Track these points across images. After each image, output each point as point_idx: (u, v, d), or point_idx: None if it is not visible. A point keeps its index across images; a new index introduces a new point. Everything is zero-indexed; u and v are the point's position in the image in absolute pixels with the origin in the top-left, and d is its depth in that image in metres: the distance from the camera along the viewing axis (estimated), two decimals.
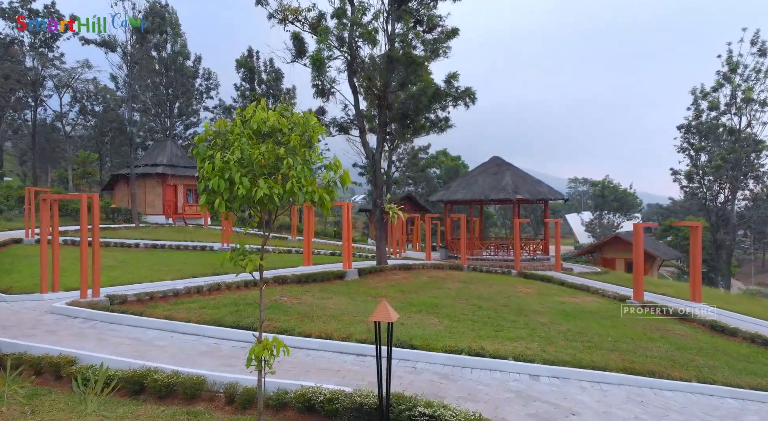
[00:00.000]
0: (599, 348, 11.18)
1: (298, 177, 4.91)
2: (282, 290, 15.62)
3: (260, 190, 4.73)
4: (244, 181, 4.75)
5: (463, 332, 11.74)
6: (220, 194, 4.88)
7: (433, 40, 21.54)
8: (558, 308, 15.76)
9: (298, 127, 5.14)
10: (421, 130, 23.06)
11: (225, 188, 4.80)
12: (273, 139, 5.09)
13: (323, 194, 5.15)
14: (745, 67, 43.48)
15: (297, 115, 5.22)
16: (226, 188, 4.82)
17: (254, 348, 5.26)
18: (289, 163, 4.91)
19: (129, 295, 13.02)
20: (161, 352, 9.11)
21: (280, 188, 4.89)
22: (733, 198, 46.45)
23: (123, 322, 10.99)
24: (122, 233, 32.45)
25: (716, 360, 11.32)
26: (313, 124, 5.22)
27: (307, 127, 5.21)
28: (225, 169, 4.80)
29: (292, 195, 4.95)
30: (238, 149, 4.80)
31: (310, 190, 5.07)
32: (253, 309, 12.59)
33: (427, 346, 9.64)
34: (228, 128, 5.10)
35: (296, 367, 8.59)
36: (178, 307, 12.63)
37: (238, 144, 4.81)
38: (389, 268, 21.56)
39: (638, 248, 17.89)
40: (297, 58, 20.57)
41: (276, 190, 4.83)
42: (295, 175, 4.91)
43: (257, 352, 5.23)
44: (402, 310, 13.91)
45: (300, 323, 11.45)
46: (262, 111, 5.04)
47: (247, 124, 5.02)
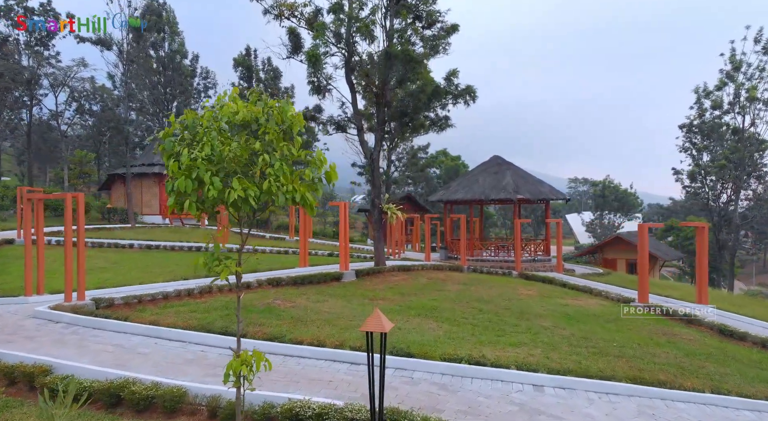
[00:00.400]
0: (605, 354, 10.70)
1: (277, 175, 4.41)
2: (276, 292, 15.13)
3: (234, 191, 4.23)
4: (215, 181, 4.25)
5: (463, 338, 11.26)
6: (189, 195, 4.37)
7: (432, 36, 21.04)
8: (561, 311, 15.28)
9: (274, 118, 4.62)
10: (421, 129, 22.56)
11: (193, 189, 4.30)
12: (247, 131, 4.59)
13: (306, 193, 4.64)
14: (748, 66, 42.98)
15: (272, 104, 4.72)
16: (195, 189, 4.32)
17: (232, 363, 4.79)
18: (266, 160, 4.41)
19: (116, 298, 12.53)
20: (144, 360, 8.62)
21: (255, 189, 4.39)
22: (737, 198, 45.96)
23: (106, 327, 10.49)
24: (117, 233, 31.99)
25: (727, 367, 10.83)
26: (290, 114, 4.71)
27: (284, 118, 4.70)
28: (193, 168, 4.29)
29: (271, 195, 4.45)
30: (207, 145, 4.29)
31: (291, 189, 4.56)
32: (245, 313, 12.10)
33: (425, 354, 9.14)
34: (197, 121, 4.59)
35: (285, 377, 8.10)
36: (167, 311, 12.15)
37: (207, 139, 4.31)
38: (387, 269, 21.08)
39: (643, 249, 17.40)
40: (293, 54, 20.07)
41: (252, 191, 4.34)
42: (273, 172, 4.41)
43: (235, 367, 4.76)
44: (400, 314, 13.44)
45: (293, 327, 10.97)
46: (231, 102, 4.53)
47: (217, 117, 4.51)
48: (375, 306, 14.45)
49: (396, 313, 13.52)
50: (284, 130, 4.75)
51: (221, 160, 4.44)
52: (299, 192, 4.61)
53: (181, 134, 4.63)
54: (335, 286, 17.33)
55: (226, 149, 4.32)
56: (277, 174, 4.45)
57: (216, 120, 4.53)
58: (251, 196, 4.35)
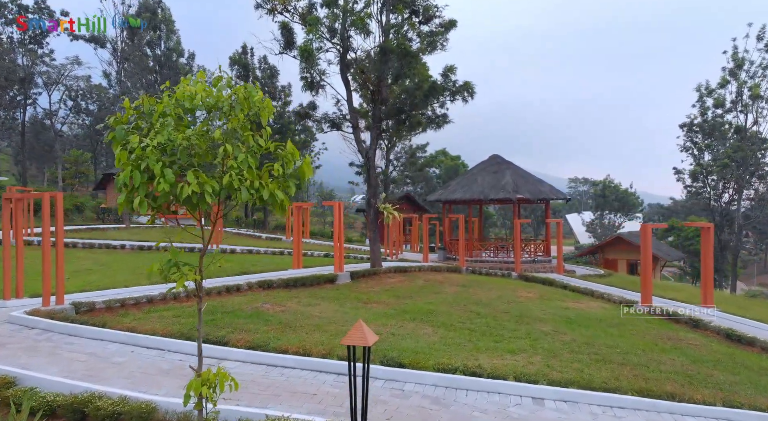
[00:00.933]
0: (608, 362, 10.16)
1: (240, 168, 3.86)
2: (266, 295, 14.60)
3: (187, 186, 3.68)
4: (167, 173, 3.70)
5: (459, 344, 10.73)
6: (137, 190, 3.82)
7: (429, 32, 20.49)
8: (561, 315, 14.73)
9: (238, 104, 4.08)
10: (418, 127, 22.03)
11: (142, 182, 3.75)
12: (209, 119, 4.05)
13: (275, 190, 4.10)
14: (751, 64, 42.44)
15: (239, 89, 4.18)
16: (144, 183, 3.78)
17: (192, 383, 4.24)
18: (228, 151, 3.86)
19: (98, 302, 11.99)
20: (117, 370, 8.08)
21: (214, 183, 3.84)
22: (739, 198, 45.42)
23: (83, 334, 9.95)
24: (110, 233, 31.49)
25: (737, 375, 10.28)
26: (257, 99, 4.16)
27: (251, 104, 4.15)
28: (143, 158, 3.74)
29: (232, 191, 3.90)
30: (161, 132, 3.74)
31: (257, 184, 4.02)
32: (231, 318, 11.58)
33: (417, 364, 8.57)
34: (154, 107, 4.04)
35: (267, 389, 7.55)
36: (151, 316, 11.62)
37: (160, 126, 3.76)
38: (384, 271, 20.54)
39: (647, 250, 16.86)
40: (285, 49, 19.50)
41: (209, 186, 3.79)
42: (236, 165, 3.86)
43: (195, 388, 4.20)
44: (394, 318, 12.91)
45: (280, 334, 10.44)
46: (186, 83, 3.98)
47: (177, 102, 3.96)
48: (369, 310, 13.96)
49: (390, 317, 12.99)
50: (251, 118, 4.20)
51: (181, 151, 3.89)
52: (267, 189, 4.06)
53: (135, 122, 4.09)
54: (329, 288, 16.80)
55: (179, 137, 3.77)
56: (241, 167, 3.90)
57: (177, 106, 3.98)
58: (208, 192, 3.81)
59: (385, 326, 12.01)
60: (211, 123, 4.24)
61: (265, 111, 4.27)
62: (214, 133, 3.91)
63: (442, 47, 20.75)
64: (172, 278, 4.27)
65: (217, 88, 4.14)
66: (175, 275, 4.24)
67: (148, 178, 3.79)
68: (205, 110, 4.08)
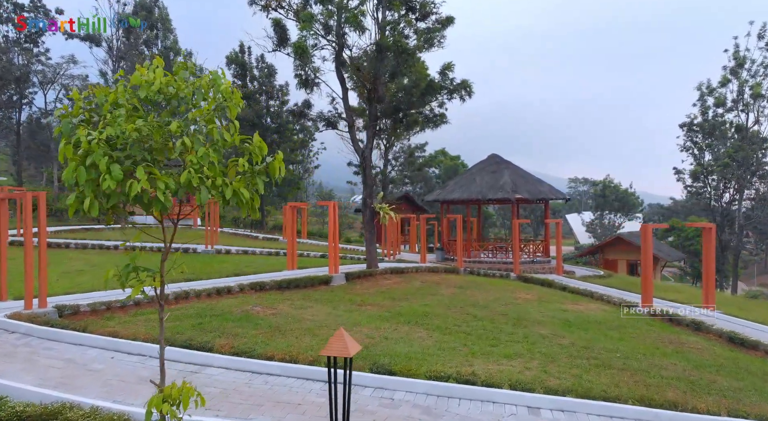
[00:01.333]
0: (608, 367, 9.81)
1: (200, 164, 3.51)
2: (258, 298, 14.25)
3: (136, 183, 3.32)
4: (113, 169, 3.33)
5: (454, 348, 10.39)
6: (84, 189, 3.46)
7: (426, 29, 20.15)
8: (560, 317, 14.39)
9: (201, 92, 3.72)
10: (415, 126, 21.70)
11: (88, 180, 3.39)
12: (172, 110, 3.69)
13: (240, 189, 3.75)
14: (752, 62, 42.09)
15: (205, 78, 3.82)
16: (90, 180, 3.41)
17: (153, 399, 3.89)
18: (186, 145, 3.51)
19: (82, 305, 11.65)
20: (94, 378, 7.73)
21: (168, 180, 3.49)
22: (740, 198, 45.06)
23: (63, 339, 9.59)
24: (105, 234, 31.13)
25: (740, 381, 9.94)
26: (224, 88, 3.81)
27: (215, 93, 3.79)
28: (90, 153, 3.38)
29: (191, 189, 3.55)
30: (112, 124, 3.38)
31: (220, 182, 3.66)
32: (220, 321, 11.25)
33: (408, 371, 8.21)
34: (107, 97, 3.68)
35: (249, 398, 7.19)
36: (137, 319, 11.29)
37: (110, 117, 3.40)
38: (380, 272, 20.20)
39: (647, 251, 16.53)
40: (279, 46, 19.14)
41: (162, 183, 3.43)
42: (196, 161, 3.50)
43: (156, 404, 3.86)
44: (388, 321, 12.57)
45: (269, 338, 10.09)
46: (143, 71, 3.62)
47: (132, 91, 3.61)
48: (362, 313, 13.61)
49: (384, 320, 12.66)
50: (219, 110, 3.84)
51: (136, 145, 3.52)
52: (230, 187, 3.71)
53: (86, 115, 3.73)
54: (323, 290, 16.46)
55: (129, 128, 3.40)
56: (201, 163, 3.54)
57: (133, 96, 3.62)
58: (161, 189, 3.45)
59: (378, 329, 11.68)
60: (176, 115, 3.89)
61: (234, 103, 3.92)
62: (171, 125, 3.55)
63: (440, 44, 20.41)
64: (129, 284, 3.93)
65: (178, 76, 3.79)
66: (132, 282, 3.89)
67: (98, 176, 3.43)
68: (164, 100, 3.72)
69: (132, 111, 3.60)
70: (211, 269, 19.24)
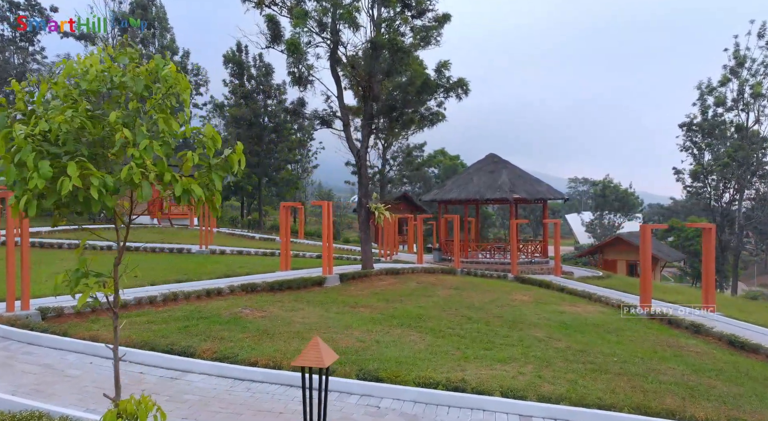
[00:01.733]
0: (604, 371, 9.54)
1: (142, 158, 3.22)
2: (249, 299, 13.97)
3: (68, 181, 3.02)
4: (42, 165, 3.04)
5: (446, 352, 10.11)
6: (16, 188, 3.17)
7: (422, 26, 19.87)
8: (557, 320, 14.11)
9: (141, 79, 3.43)
10: (411, 124, 21.40)
11: (18, 178, 3.11)
12: (113, 100, 3.40)
13: (192, 186, 3.45)
14: (753, 61, 41.79)
15: (150, 66, 3.53)
16: (21, 178, 3.13)
17: (107, 415, 3.62)
18: (127, 137, 3.21)
19: (67, 307, 11.34)
20: (70, 385, 7.44)
21: (107, 177, 3.20)
22: (740, 198, 44.77)
23: (42, 343, 9.31)
24: (100, 234, 30.82)
25: (740, 386, 9.66)
26: (165, 73, 3.52)
27: (159, 80, 3.49)
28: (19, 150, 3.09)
29: (134, 186, 3.26)
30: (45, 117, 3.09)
31: (169, 178, 3.37)
32: (206, 325, 10.96)
33: (396, 377, 7.91)
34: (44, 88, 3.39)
35: (229, 406, 6.91)
36: (120, 321, 10.99)
37: (42, 110, 3.12)
38: (375, 273, 19.92)
39: (646, 252, 16.27)
40: (272, 43, 18.84)
41: (96, 179, 3.14)
42: (138, 155, 3.21)
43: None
44: (381, 323, 12.29)
45: (256, 342, 9.81)
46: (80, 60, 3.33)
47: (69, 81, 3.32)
48: (355, 315, 13.32)
49: (377, 323, 12.38)
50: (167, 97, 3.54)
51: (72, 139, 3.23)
52: (180, 183, 3.41)
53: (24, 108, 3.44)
54: (316, 291, 16.19)
55: (59, 119, 3.11)
56: (144, 156, 3.25)
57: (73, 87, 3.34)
58: (95, 186, 3.15)
59: (370, 332, 11.40)
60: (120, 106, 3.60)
61: (187, 91, 3.63)
62: (110, 117, 3.26)
63: (436, 42, 20.11)
64: (77, 289, 3.65)
65: (118, 62, 3.51)
66: (78, 287, 3.61)
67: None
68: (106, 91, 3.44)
69: (70, 103, 3.32)
70: (204, 270, 18.96)
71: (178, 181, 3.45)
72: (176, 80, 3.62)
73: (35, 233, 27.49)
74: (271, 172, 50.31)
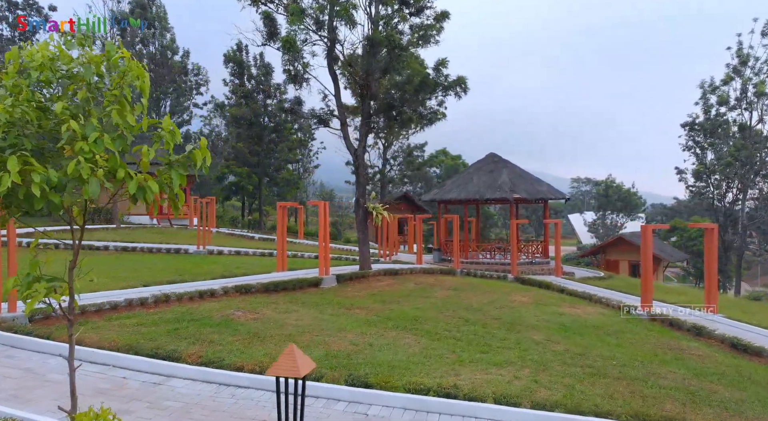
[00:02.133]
0: (603, 376, 9.28)
1: (92, 152, 2.98)
2: (242, 301, 13.74)
3: (7, 176, 2.79)
4: None
5: (441, 356, 9.87)
6: None
7: (421, 24, 19.61)
8: (556, 321, 13.85)
9: (91, 66, 3.20)
10: (409, 123, 21.14)
11: None
12: (65, 90, 3.17)
13: (149, 183, 3.21)
14: (756, 60, 41.40)
15: (107, 55, 3.29)
16: None
17: None
18: (75, 130, 2.98)
19: (56, 309, 11.10)
20: (49, 390, 7.22)
21: (51, 172, 2.96)
22: (744, 198, 44.39)
23: (26, 346, 9.09)
24: (97, 234, 30.62)
25: (742, 391, 9.39)
26: (116, 60, 3.28)
27: (114, 68, 3.26)
28: None
29: (81, 182, 3.02)
30: None
31: (121, 175, 3.13)
32: (196, 327, 10.74)
33: (386, 383, 7.66)
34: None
35: (212, 414, 6.68)
36: (111, 324, 10.78)
37: None
38: (373, 273, 19.68)
39: (647, 253, 16.01)
40: (268, 40, 18.60)
41: (38, 176, 2.90)
42: (87, 149, 2.97)
43: None
44: (376, 326, 12.06)
45: (245, 346, 9.58)
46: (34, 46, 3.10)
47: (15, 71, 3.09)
48: (350, 317, 13.08)
49: (371, 325, 12.15)
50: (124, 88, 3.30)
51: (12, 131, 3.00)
52: (135, 180, 3.17)
53: None
54: (311, 293, 15.96)
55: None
56: (94, 150, 3.01)
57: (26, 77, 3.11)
58: (36, 182, 2.92)
59: (364, 335, 11.17)
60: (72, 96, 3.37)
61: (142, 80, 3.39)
62: (56, 107, 3.03)
63: (435, 41, 19.84)
64: (26, 294, 3.42)
65: (63, 52, 3.27)
66: (27, 291, 3.38)
67: None
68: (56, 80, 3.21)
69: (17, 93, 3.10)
70: (199, 271, 18.76)
71: (133, 178, 3.22)
72: (129, 67, 3.39)
73: (31, 234, 27.36)
74: (272, 172, 50.13)
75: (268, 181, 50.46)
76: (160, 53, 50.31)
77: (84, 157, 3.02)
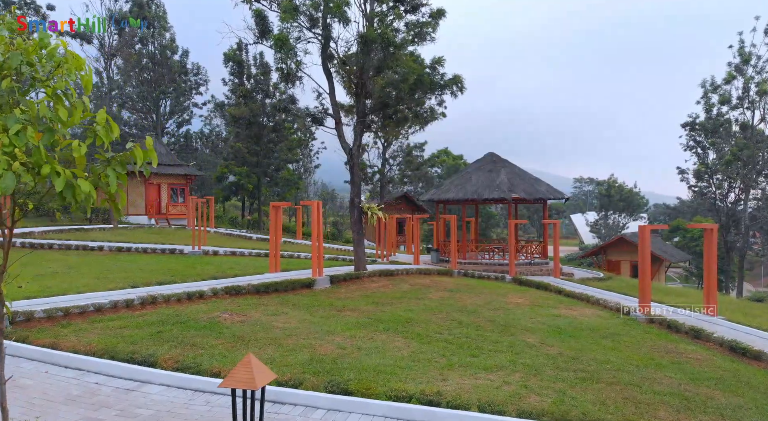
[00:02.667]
0: (596, 380, 9.01)
1: (12, 146, 2.72)
2: (231, 303, 13.49)
3: None
4: None
5: (430, 359, 9.60)
6: None
7: (416, 21, 19.35)
8: (551, 324, 13.57)
9: (17, 53, 2.94)
10: (405, 122, 20.86)
11: None
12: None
13: (81, 181, 2.95)
14: (758, 58, 41.02)
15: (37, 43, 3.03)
16: None
17: None
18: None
19: (37, 311, 10.89)
20: (18, 396, 6.96)
21: None
22: (746, 198, 44.00)
23: None
24: (93, 234, 30.50)
25: (740, 397, 9.09)
26: (52, 49, 3.01)
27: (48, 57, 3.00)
28: None
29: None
30: None
31: (47, 171, 2.87)
32: (180, 330, 10.49)
33: (367, 390, 7.39)
34: None
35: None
36: (94, 326, 10.54)
37: None
38: (367, 274, 19.42)
39: (644, 254, 15.72)
40: (260, 38, 18.35)
41: None
42: (8, 142, 2.72)
43: None
44: (366, 328, 11.80)
45: (228, 350, 9.33)
46: None
47: None
48: (340, 319, 12.81)
49: (361, 327, 11.88)
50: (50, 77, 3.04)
51: None
52: (63, 177, 2.91)
53: None
54: (303, 294, 15.69)
55: None
56: (15, 143, 2.75)
57: None
58: None
59: (353, 338, 10.91)
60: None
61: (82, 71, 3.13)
62: None
63: (432, 38, 19.58)
64: None
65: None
66: None
67: None
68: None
69: None
70: (192, 272, 18.52)
71: (60, 175, 2.95)
72: (65, 58, 3.14)
73: (28, 234, 27.19)
74: (272, 171, 49.91)
75: (268, 181, 50.23)
76: (159, 53, 50.12)
77: (4, 151, 2.76)
